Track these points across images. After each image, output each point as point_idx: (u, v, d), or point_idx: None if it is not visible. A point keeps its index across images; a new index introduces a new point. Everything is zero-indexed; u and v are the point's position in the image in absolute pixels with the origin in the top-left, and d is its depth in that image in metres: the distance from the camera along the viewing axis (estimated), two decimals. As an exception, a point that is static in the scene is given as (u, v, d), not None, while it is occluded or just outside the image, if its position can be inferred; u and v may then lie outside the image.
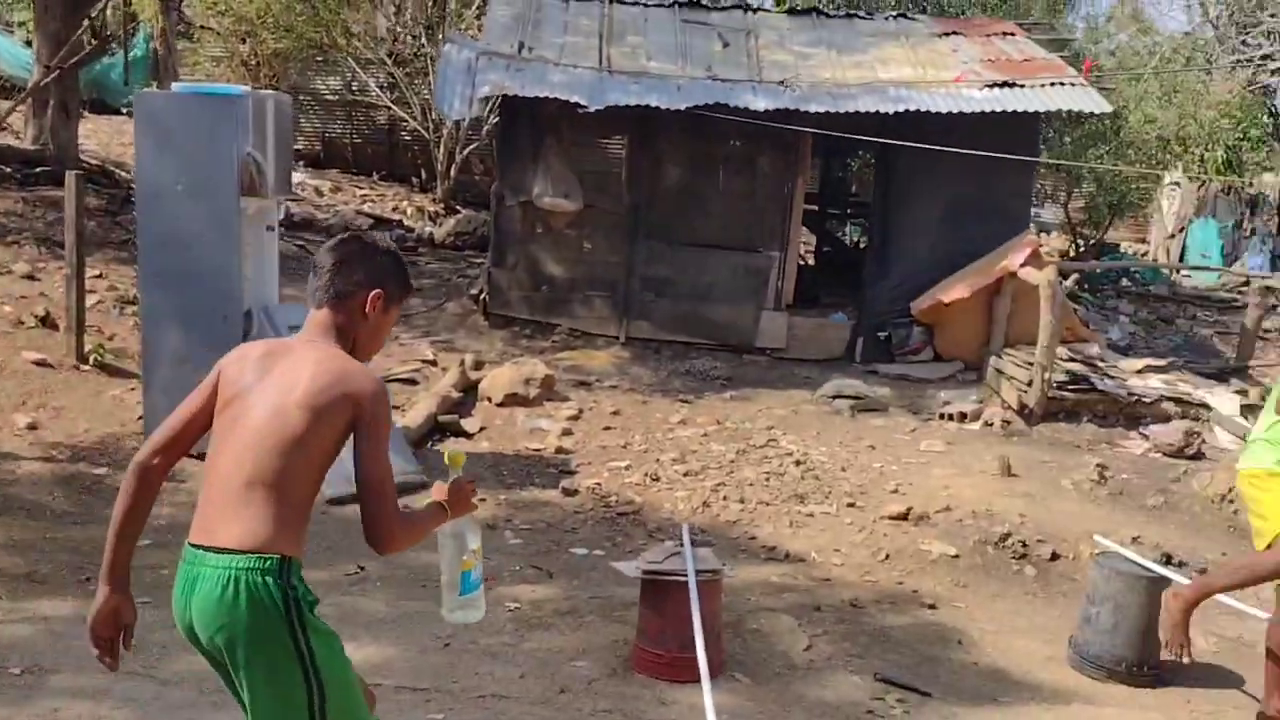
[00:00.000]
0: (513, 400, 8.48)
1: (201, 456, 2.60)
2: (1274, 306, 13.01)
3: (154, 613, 4.74)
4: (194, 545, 2.44)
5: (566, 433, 8.05)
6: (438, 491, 2.63)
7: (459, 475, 2.67)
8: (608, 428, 8.30)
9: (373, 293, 2.55)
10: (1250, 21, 18.68)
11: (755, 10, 13.02)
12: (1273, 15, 18.27)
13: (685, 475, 7.28)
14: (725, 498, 6.88)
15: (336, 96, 17.00)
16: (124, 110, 15.71)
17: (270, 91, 9.20)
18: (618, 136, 10.92)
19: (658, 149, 10.72)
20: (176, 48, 15.73)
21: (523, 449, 7.73)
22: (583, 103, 9.78)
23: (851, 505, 6.81)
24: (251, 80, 14.61)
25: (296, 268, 11.66)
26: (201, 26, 15.96)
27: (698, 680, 3.97)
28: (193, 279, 6.60)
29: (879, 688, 4.59)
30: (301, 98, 16.56)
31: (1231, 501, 6.94)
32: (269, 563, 2.37)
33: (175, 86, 7.37)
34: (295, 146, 16.16)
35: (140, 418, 7.07)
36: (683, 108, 9.84)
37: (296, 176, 14.90)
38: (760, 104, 9.99)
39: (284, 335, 6.84)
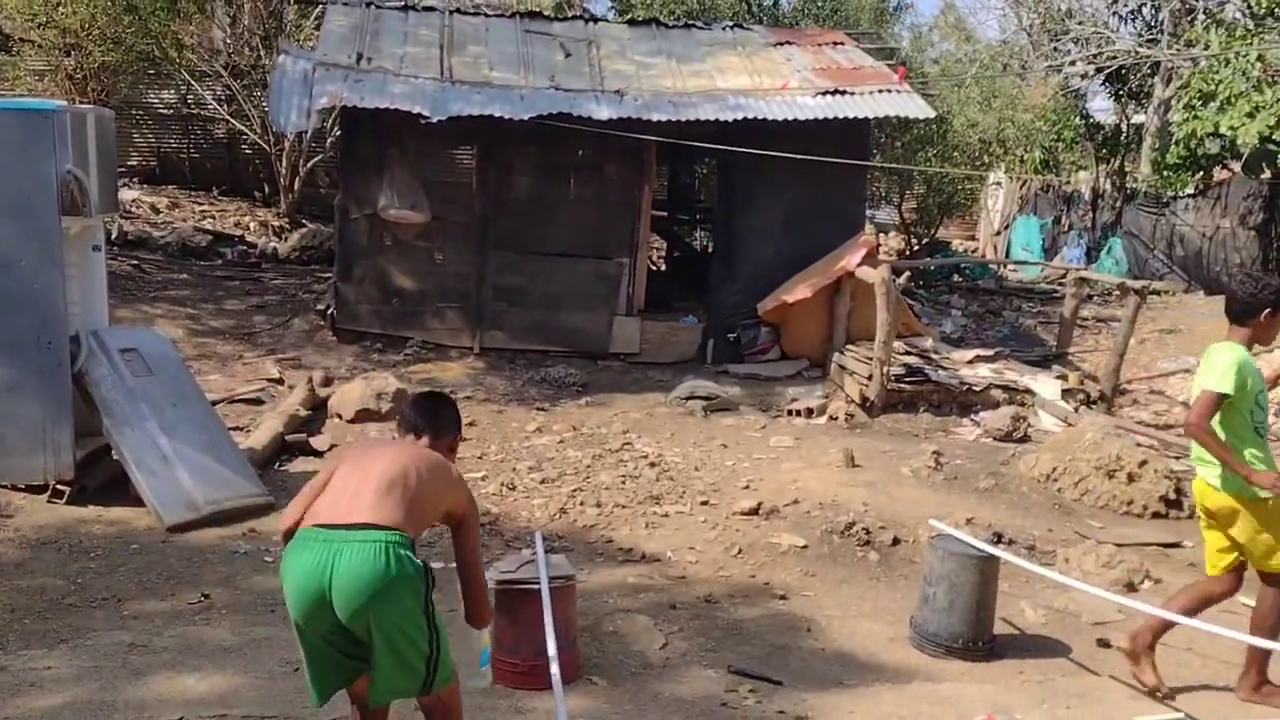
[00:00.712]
0: (365, 416, 8.33)
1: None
2: (1089, 296, 13.92)
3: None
4: (326, 526, 2.96)
5: (420, 447, 7.96)
6: None
7: None
8: (463, 439, 8.25)
9: (459, 436, 3.64)
10: (1060, 30, 19.93)
11: (596, 21, 13.15)
12: (1080, 23, 19.54)
13: (542, 483, 7.32)
14: (582, 503, 6.94)
15: (171, 110, 16.36)
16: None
17: (90, 106, 8.78)
18: (465, 147, 10.87)
19: (506, 159, 10.72)
20: (-10, 61, 14.79)
21: (376, 465, 7.59)
22: (425, 113, 9.69)
23: (705, 503, 6.97)
24: (79, 95, 13.86)
25: (130, 287, 11.18)
26: (20, 39, 15.03)
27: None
28: (12, 303, 6.27)
29: (732, 680, 4.72)
30: (134, 112, 15.86)
31: (1055, 480, 7.40)
32: (407, 539, 3.02)
33: (-15, 102, 6.99)
34: (129, 162, 15.53)
35: (-41, 453, 6.64)
36: (527, 117, 9.87)
37: (129, 193, 14.26)
38: (604, 113, 10.11)
39: (115, 359, 6.57)
